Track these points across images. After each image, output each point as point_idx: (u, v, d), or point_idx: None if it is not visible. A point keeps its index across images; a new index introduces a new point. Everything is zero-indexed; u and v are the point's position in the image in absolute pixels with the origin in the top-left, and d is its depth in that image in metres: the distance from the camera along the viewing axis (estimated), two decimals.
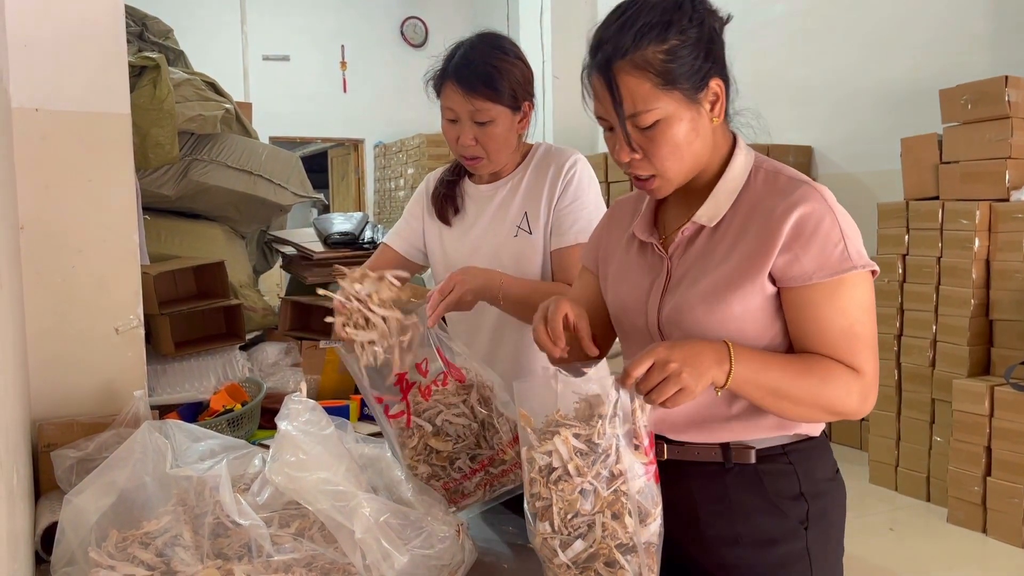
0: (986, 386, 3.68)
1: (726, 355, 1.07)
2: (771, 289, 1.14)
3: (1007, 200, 3.84)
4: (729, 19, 1.19)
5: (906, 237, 4.20)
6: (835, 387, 1.11)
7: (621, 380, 1.05)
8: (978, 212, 3.86)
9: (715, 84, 1.14)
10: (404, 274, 1.46)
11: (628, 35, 1.10)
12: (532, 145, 1.81)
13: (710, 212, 1.19)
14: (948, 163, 4.08)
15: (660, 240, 1.26)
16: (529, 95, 1.70)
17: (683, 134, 1.13)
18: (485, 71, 1.61)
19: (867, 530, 3.76)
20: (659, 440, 1.22)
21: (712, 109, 1.15)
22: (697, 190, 1.22)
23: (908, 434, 4.22)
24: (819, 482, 1.22)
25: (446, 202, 1.81)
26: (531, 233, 1.73)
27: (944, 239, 4.02)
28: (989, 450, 3.68)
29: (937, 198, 4.12)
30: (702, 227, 1.20)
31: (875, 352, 1.15)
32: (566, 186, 1.72)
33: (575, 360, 1.17)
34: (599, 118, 1.17)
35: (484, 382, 1.41)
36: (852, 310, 1.12)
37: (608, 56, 1.11)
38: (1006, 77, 3.80)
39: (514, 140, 1.72)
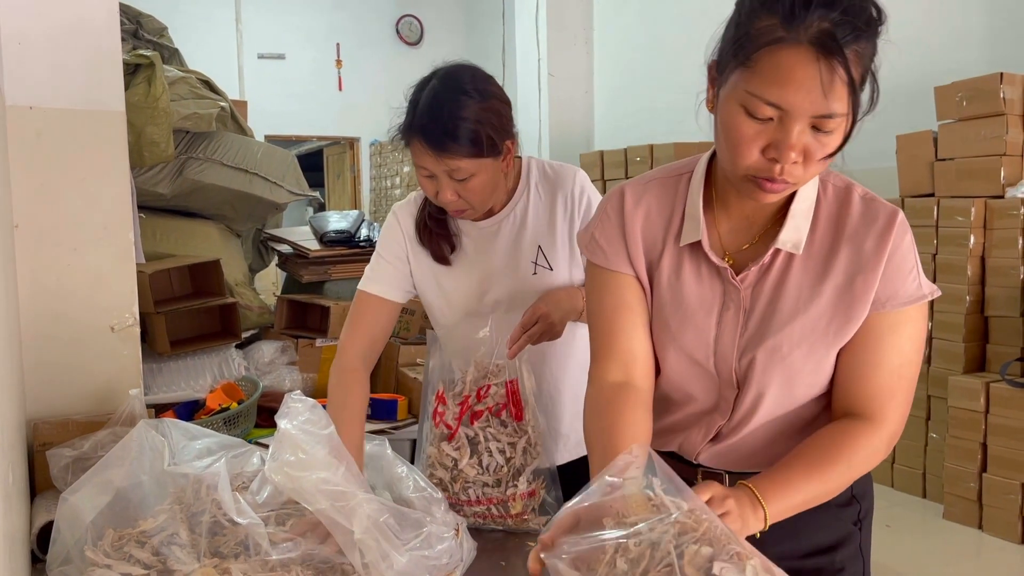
0: (982, 383, 3.68)
1: (758, 503, 0.97)
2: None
3: (1002, 197, 3.84)
4: None
5: None
6: (862, 460, 1.05)
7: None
8: (973, 209, 3.86)
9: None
10: None
11: (861, 18, 0.90)
12: (519, 163, 1.61)
13: (793, 237, 1.05)
14: (943, 160, 4.08)
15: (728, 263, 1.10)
16: (509, 133, 1.46)
17: (838, 146, 0.95)
18: (454, 126, 1.37)
19: None
20: (720, 474, 1.17)
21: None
22: (764, 206, 1.07)
23: (904, 430, 4.21)
24: (863, 480, 1.20)
25: (440, 241, 1.58)
26: (551, 269, 1.56)
27: (939, 236, 4.03)
28: (985, 446, 3.68)
29: (932, 195, 4.13)
30: (777, 251, 1.07)
31: (909, 397, 1.09)
32: (585, 214, 1.57)
33: None
34: (767, 103, 0.92)
35: (539, 433, 1.42)
36: (907, 348, 1.07)
37: (837, 35, 0.89)
38: (1001, 74, 3.80)
39: (501, 181, 1.52)
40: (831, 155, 0.96)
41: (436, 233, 1.58)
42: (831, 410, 1.13)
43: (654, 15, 6.59)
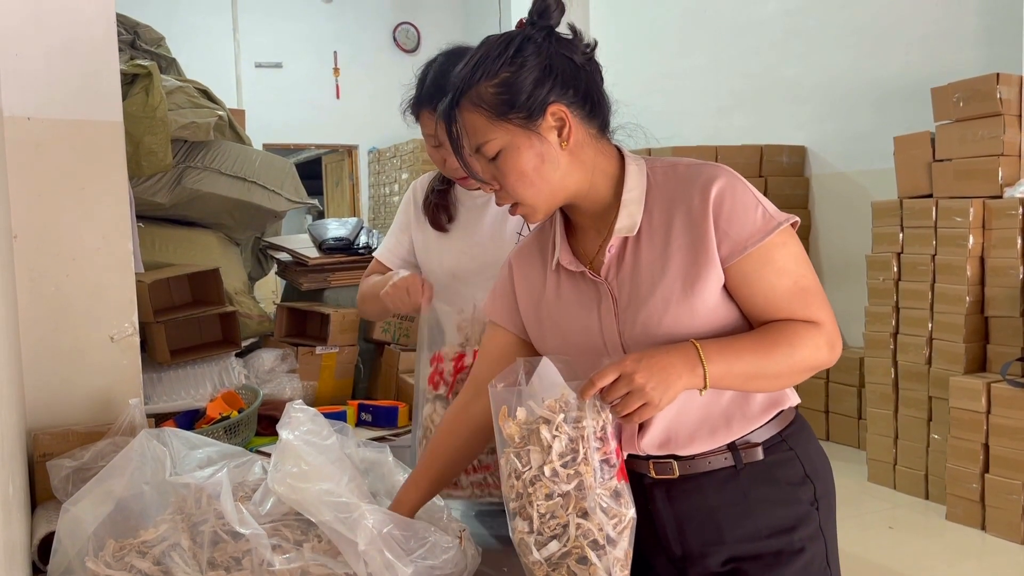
0: (983, 383, 3.68)
1: (696, 358, 1.08)
2: (722, 275, 1.16)
3: (1000, 197, 3.85)
4: (593, 46, 1.22)
5: (900, 235, 4.21)
6: (804, 348, 1.14)
7: (583, 391, 1.07)
8: (972, 209, 3.86)
9: (556, 110, 1.16)
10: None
11: (466, 73, 1.17)
12: None
13: (626, 223, 1.20)
14: (941, 161, 4.09)
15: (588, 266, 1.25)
16: None
17: (527, 161, 1.16)
18: None
19: (866, 528, 3.76)
20: (669, 460, 1.22)
21: (560, 135, 1.17)
22: (601, 212, 1.23)
23: (906, 432, 4.22)
24: (815, 460, 1.26)
25: (439, 210, 1.80)
26: None
27: (938, 237, 4.03)
28: (987, 447, 3.68)
29: (931, 196, 4.13)
30: (625, 240, 1.21)
31: (826, 300, 1.18)
32: None
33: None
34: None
35: None
36: (790, 266, 1.16)
37: (453, 96, 1.18)
38: (997, 75, 3.81)
39: None
40: (518, 174, 1.16)
41: (437, 204, 1.80)
42: None
43: (650, 21, 6.60)
